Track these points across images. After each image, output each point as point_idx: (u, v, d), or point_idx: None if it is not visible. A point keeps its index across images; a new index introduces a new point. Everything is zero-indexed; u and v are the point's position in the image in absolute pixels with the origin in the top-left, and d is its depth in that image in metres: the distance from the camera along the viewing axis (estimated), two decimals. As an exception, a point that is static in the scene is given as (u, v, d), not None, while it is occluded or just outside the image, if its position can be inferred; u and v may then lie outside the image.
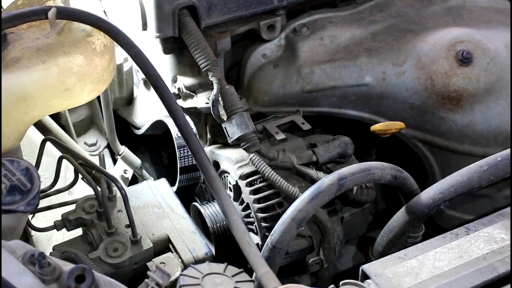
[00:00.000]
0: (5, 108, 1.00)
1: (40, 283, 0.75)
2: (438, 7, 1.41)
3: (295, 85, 1.32)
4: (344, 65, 1.31)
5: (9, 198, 0.94)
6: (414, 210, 1.05)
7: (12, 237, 0.94)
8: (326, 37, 1.35)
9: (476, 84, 1.24)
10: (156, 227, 1.11)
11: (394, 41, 1.33)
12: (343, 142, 1.23)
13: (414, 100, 1.27)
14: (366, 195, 1.20)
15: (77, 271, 0.76)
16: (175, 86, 1.35)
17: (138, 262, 1.06)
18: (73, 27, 1.23)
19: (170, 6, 1.23)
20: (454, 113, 1.25)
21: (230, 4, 1.28)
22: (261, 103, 1.34)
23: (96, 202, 1.09)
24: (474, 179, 1.01)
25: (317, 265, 1.20)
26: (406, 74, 1.28)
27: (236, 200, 1.24)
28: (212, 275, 0.93)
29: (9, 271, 0.72)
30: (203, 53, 1.21)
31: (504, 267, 0.91)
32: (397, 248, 1.04)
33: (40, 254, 0.77)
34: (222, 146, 1.32)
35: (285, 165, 1.18)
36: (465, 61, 1.24)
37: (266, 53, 1.35)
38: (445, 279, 0.89)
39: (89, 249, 1.06)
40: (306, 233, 1.18)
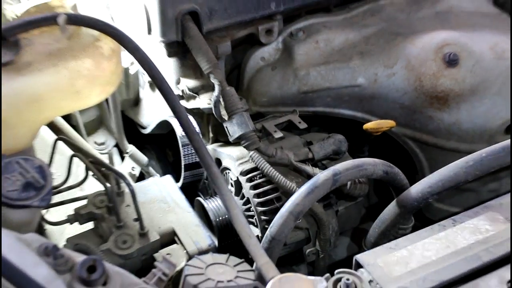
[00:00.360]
0: (18, 109, 1.00)
1: (54, 273, 0.75)
2: (426, 12, 1.42)
3: (292, 86, 1.33)
4: (338, 67, 1.32)
5: (24, 194, 0.94)
6: (404, 204, 1.05)
7: (28, 231, 0.95)
8: (321, 41, 1.35)
9: (462, 84, 1.24)
10: (162, 220, 1.12)
11: (385, 44, 1.33)
12: (338, 140, 1.24)
13: (404, 100, 1.28)
14: (359, 189, 1.21)
15: (89, 262, 0.76)
16: (178, 88, 1.35)
17: (146, 254, 1.06)
18: (82, 32, 1.23)
19: (173, 12, 1.23)
20: (442, 112, 1.25)
21: (230, 10, 1.28)
22: (260, 104, 1.35)
23: (106, 197, 1.10)
24: (461, 174, 1.01)
25: (314, 255, 1.21)
26: (397, 76, 1.29)
27: (237, 195, 1.24)
28: (215, 265, 0.94)
29: (25, 262, 0.72)
30: (205, 57, 1.22)
31: (488, 256, 0.91)
32: (388, 239, 1.05)
33: (54, 246, 0.77)
34: (224, 144, 1.32)
35: (283, 162, 1.19)
36: (452, 63, 1.25)
37: (264, 56, 1.35)
38: (433, 268, 0.90)
39: (100, 242, 1.07)
40: (303, 226, 1.19)
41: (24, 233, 0.81)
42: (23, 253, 0.75)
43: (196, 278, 0.90)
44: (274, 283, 0.80)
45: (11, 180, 0.95)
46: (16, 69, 1.00)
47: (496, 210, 0.99)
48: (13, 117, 1.00)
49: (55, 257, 0.77)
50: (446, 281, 0.88)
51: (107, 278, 0.78)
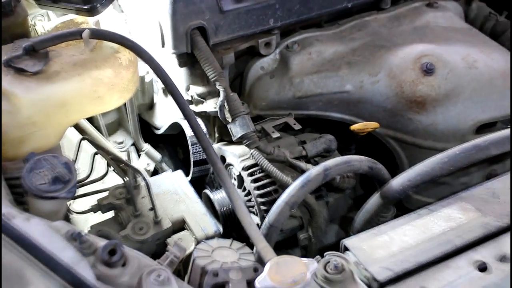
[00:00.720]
0: (47, 113, 1.01)
1: (80, 255, 0.75)
2: (406, 27, 1.42)
3: (288, 92, 1.33)
4: (328, 76, 1.32)
5: (53, 187, 0.95)
6: (387, 195, 1.06)
7: (56, 219, 0.95)
8: (313, 52, 1.35)
9: (438, 90, 1.25)
10: (174, 210, 1.13)
11: (370, 55, 1.33)
12: (328, 139, 1.24)
13: (386, 104, 1.28)
14: (347, 183, 1.21)
15: (110, 246, 0.77)
16: (188, 93, 1.36)
17: (160, 239, 1.07)
18: (103, 45, 1.24)
19: (184, 27, 1.24)
20: (420, 115, 1.25)
21: (234, 26, 1.28)
22: (259, 107, 1.35)
23: (125, 190, 1.11)
24: (436, 169, 1.02)
25: (306, 240, 1.21)
26: (380, 83, 1.29)
27: (240, 187, 1.25)
28: (220, 248, 0.94)
29: (54, 246, 0.73)
30: (211, 66, 1.22)
31: (459, 240, 0.92)
32: (372, 226, 1.05)
33: (79, 233, 0.78)
34: (228, 143, 1.33)
35: (280, 159, 1.19)
36: (429, 72, 1.25)
37: (263, 66, 1.36)
38: (411, 251, 0.90)
39: (119, 228, 1.08)
40: (297, 214, 1.19)
41: (53, 221, 0.82)
42: (53, 238, 0.75)
43: (203, 260, 0.91)
44: (272, 264, 0.80)
45: (41, 175, 0.95)
46: (46, 78, 1.01)
47: (467, 200, 1.00)
48: (43, 119, 1.00)
49: (81, 242, 0.77)
50: (422, 262, 0.89)
51: (125, 260, 0.78)
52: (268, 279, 0.78)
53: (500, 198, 1.00)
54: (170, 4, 1.23)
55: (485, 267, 0.88)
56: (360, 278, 0.87)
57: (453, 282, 0.86)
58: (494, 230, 0.94)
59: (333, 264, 0.85)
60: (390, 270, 0.87)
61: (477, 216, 0.96)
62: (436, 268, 0.88)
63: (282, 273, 0.78)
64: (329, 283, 0.84)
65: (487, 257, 0.89)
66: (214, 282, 0.82)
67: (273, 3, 1.30)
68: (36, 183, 0.94)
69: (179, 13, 1.23)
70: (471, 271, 0.87)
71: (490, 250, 0.90)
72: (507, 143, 1.04)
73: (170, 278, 0.78)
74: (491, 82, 1.28)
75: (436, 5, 1.48)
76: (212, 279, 0.82)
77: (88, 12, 1.22)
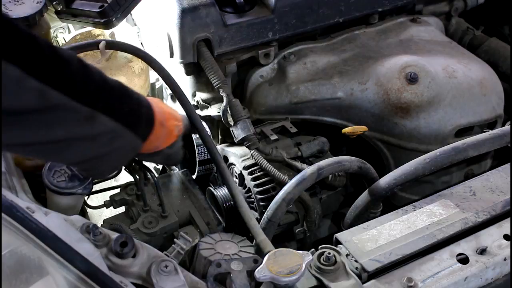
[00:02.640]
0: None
1: (94, 247, 0.75)
2: (392, 40, 1.41)
3: (285, 98, 1.32)
4: (322, 84, 1.31)
5: (71, 184, 0.94)
6: (375, 193, 1.05)
7: (73, 213, 0.94)
8: (308, 62, 1.35)
9: (421, 97, 1.24)
10: (180, 205, 1.11)
11: (359, 65, 1.32)
12: (321, 141, 1.23)
13: (374, 110, 1.27)
14: (339, 181, 1.20)
15: (122, 238, 0.76)
16: (194, 99, 1.35)
17: (167, 232, 1.06)
18: (118, 55, 1.23)
19: (190, 39, 1.23)
20: (404, 120, 1.25)
21: (236, 38, 1.28)
22: (259, 112, 1.34)
23: (135, 187, 1.09)
24: (420, 169, 1.01)
25: (302, 234, 1.20)
26: (369, 90, 1.28)
27: (241, 185, 1.23)
28: (222, 241, 0.93)
29: (71, 238, 0.72)
30: (215, 75, 1.21)
31: (441, 235, 0.90)
32: (362, 221, 1.04)
33: (94, 226, 0.77)
34: (230, 144, 1.32)
35: (277, 159, 1.18)
36: (413, 81, 1.24)
37: (263, 74, 1.35)
38: (397, 244, 0.89)
39: (130, 222, 1.06)
40: (294, 210, 1.18)
41: (70, 215, 0.81)
42: (69, 231, 0.75)
43: (207, 252, 0.90)
44: (270, 256, 0.79)
45: (59, 172, 0.94)
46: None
47: (448, 198, 0.99)
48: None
49: (95, 234, 0.76)
50: (408, 254, 0.88)
51: (136, 251, 0.78)
52: (267, 269, 0.77)
53: (477, 195, 0.99)
54: (179, 18, 1.22)
55: (465, 259, 0.87)
56: (351, 269, 0.86)
57: (436, 273, 0.85)
58: (473, 225, 0.93)
59: (326, 256, 0.84)
60: (379, 262, 0.86)
61: (457, 212, 0.95)
62: (421, 260, 0.88)
63: (280, 264, 0.78)
64: (322, 273, 0.84)
65: (467, 250, 0.88)
66: (217, 272, 0.81)
67: (271, 18, 1.29)
68: (56, 180, 0.93)
69: (187, 26, 1.22)
70: (453, 263, 0.86)
71: (469, 243, 0.89)
72: (483, 145, 1.04)
73: (176, 268, 0.78)
74: (469, 90, 1.27)
75: (419, 20, 1.47)
76: (215, 270, 0.81)
77: (104, 25, 1.22)
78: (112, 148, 0.77)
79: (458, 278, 0.84)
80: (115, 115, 0.75)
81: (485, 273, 0.86)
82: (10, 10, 1.17)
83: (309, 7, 1.32)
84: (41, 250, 0.68)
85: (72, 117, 0.69)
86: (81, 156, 0.76)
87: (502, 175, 1.04)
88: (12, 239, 0.68)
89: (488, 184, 1.01)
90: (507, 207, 0.96)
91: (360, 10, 1.39)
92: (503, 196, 0.98)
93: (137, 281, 0.77)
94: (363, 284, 0.84)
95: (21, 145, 0.68)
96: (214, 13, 1.24)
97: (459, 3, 1.55)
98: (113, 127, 0.75)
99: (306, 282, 0.83)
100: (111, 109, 0.74)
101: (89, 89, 0.71)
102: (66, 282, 0.68)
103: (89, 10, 1.21)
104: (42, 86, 0.65)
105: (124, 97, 0.78)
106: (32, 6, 1.19)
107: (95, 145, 0.75)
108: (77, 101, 0.69)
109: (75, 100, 0.68)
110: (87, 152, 0.75)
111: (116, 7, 1.19)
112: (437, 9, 1.55)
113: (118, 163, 0.84)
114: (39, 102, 0.65)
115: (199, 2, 1.24)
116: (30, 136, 0.67)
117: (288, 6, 1.30)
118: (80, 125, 0.71)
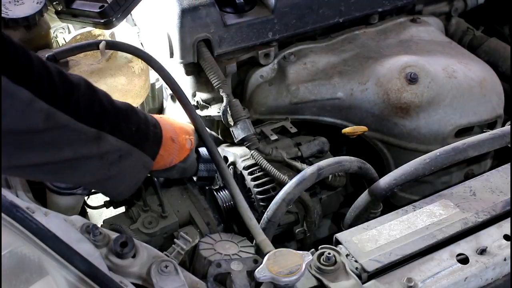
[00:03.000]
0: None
1: (94, 247, 0.75)
2: (392, 40, 1.41)
3: (285, 98, 1.32)
4: (322, 84, 1.31)
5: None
6: (375, 193, 1.05)
7: (73, 213, 0.94)
8: (308, 63, 1.34)
9: (421, 98, 1.24)
10: (180, 206, 1.11)
11: (359, 65, 1.32)
12: (321, 142, 1.23)
13: (374, 110, 1.27)
14: (339, 181, 1.20)
15: (122, 238, 0.76)
16: (194, 99, 1.35)
17: (167, 232, 1.06)
18: (118, 55, 1.23)
19: (190, 39, 1.23)
20: (404, 120, 1.24)
21: (236, 38, 1.27)
22: (259, 112, 1.34)
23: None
24: (419, 169, 1.00)
25: (302, 234, 1.20)
26: (369, 91, 1.28)
27: (241, 185, 1.23)
28: (222, 241, 0.93)
29: (70, 238, 0.72)
30: (215, 75, 1.21)
31: (441, 235, 0.90)
32: (362, 221, 1.04)
33: (94, 226, 0.77)
34: (230, 144, 1.32)
35: (277, 159, 1.18)
36: (412, 81, 1.24)
37: (263, 75, 1.34)
38: (397, 244, 0.89)
39: (130, 222, 1.06)
40: (293, 210, 1.18)
41: (70, 215, 0.81)
42: (69, 231, 0.75)
43: (207, 252, 0.89)
44: (270, 256, 0.79)
45: (60, 172, 0.94)
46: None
47: (448, 198, 0.99)
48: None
49: (95, 234, 0.76)
50: (407, 254, 0.88)
51: (136, 252, 0.77)
52: (267, 270, 0.77)
53: (477, 195, 0.99)
54: (179, 18, 1.22)
55: (465, 260, 0.87)
56: (351, 269, 0.86)
57: (436, 274, 0.85)
58: (473, 225, 0.93)
59: (326, 256, 0.84)
60: (379, 262, 0.86)
61: (457, 212, 0.95)
62: (421, 260, 0.87)
63: (280, 265, 0.77)
64: (322, 274, 0.84)
65: (467, 250, 0.88)
66: (217, 272, 0.81)
67: (271, 18, 1.29)
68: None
69: (187, 27, 1.22)
70: (453, 264, 0.86)
71: (469, 243, 0.89)
72: (483, 145, 1.04)
73: (176, 268, 0.77)
74: (469, 91, 1.27)
75: (419, 20, 1.47)
76: (215, 270, 0.81)
77: (104, 26, 1.21)
78: (122, 167, 0.80)
79: (458, 278, 0.84)
80: (121, 135, 0.79)
81: (485, 273, 0.85)
82: (10, 10, 1.17)
83: (309, 7, 1.32)
84: (41, 250, 0.68)
85: (78, 138, 0.73)
86: (92, 175, 0.79)
87: (502, 175, 1.03)
88: (12, 239, 0.68)
89: (488, 184, 1.01)
90: (507, 207, 0.96)
91: (360, 10, 1.39)
92: (503, 196, 0.98)
93: (137, 281, 0.77)
94: (363, 284, 0.84)
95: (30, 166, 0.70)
96: (214, 13, 1.24)
97: (459, 3, 1.55)
98: (120, 145, 0.78)
99: (306, 282, 0.83)
100: (117, 129, 0.78)
101: (95, 111, 0.76)
102: (66, 282, 0.68)
103: (89, 10, 1.20)
104: (50, 108, 0.69)
105: (131, 117, 0.82)
106: (32, 6, 1.19)
107: (104, 164, 0.78)
108: (82, 122, 0.72)
109: (81, 122, 0.72)
110: (97, 172, 0.79)
111: (116, 7, 1.19)
112: (437, 9, 1.55)
113: (133, 181, 0.87)
114: (45, 123, 0.69)
115: (199, 2, 1.24)
116: (37, 156, 0.70)
117: (288, 6, 1.30)
118: (87, 145, 0.75)
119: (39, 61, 0.69)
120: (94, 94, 0.77)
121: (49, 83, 0.69)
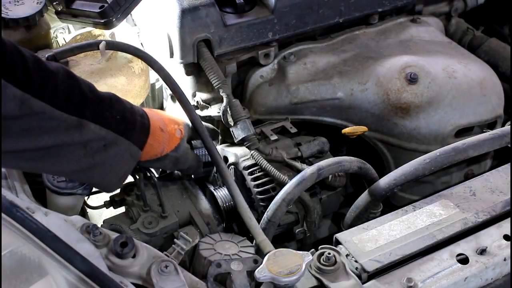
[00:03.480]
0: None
1: (94, 247, 0.75)
2: (392, 40, 1.41)
3: (285, 98, 1.32)
4: (321, 84, 1.31)
5: (70, 184, 0.94)
6: (375, 193, 1.05)
7: (73, 213, 0.94)
8: (308, 63, 1.34)
9: (421, 98, 1.24)
10: (180, 206, 1.11)
11: (359, 66, 1.32)
12: (321, 142, 1.23)
13: (374, 110, 1.27)
14: (339, 181, 1.20)
15: (122, 238, 0.76)
16: (194, 99, 1.34)
17: (167, 232, 1.06)
18: (118, 55, 1.23)
19: (190, 39, 1.23)
20: (404, 120, 1.24)
21: (236, 38, 1.27)
22: (259, 112, 1.34)
23: (135, 187, 1.09)
24: (419, 169, 1.00)
25: (302, 234, 1.20)
26: (368, 91, 1.28)
27: (241, 185, 1.23)
28: (222, 241, 0.93)
29: (70, 238, 0.72)
30: (215, 75, 1.21)
31: (441, 235, 0.90)
32: (362, 221, 1.04)
33: (94, 226, 0.77)
34: (230, 145, 1.31)
35: (277, 159, 1.18)
36: (412, 81, 1.24)
37: (263, 75, 1.34)
38: (397, 244, 0.89)
39: (130, 222, 1.06)
40: (293, 210, 1.17)
41: (70, 215, 0.81)
42: (69, 231, 0.75)
43: (207, 252, 0.89)
44: (270, 256, 0.79)
45: (60, 173, 0.94)
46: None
47: (448, 198, 0.99)
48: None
49: (95, 235, 0.76)
50: (407, 255, 0.88)
51: (136, 252, 0.77)
52: (267, 270, 0.77)
53: (477, 196, 0.99)
54: (179, 18, 1.22)
55: (465, 260, 0.87)
56: (351, 269, 0.86)
57: (436, 274, 0.85)
58: (473, 225, 0.93)
59: (326, 256, 0.84)
60: (379, 262, 0.86)
61: (457, 212, 0.95)
62: (421, 260, 0.87)
63: (280, 265, 0.78)
64: (322, 274, 0.84)
65: (467, 250, 0.88)
66: (217, 273, 0.81)
67: (271, 18, 1.29)
68: (56, 181, 0.93)
69: (187, 27, 1.22)
70: (453, 264, 0.86)
71: (469, 244, 0.89)
72: (483, 146, 1.04)
73: (176, 268, 0.77)
74: (469, 91, 1.27)
75: (419, 20, 1.47)
76: (215, 270, 0.81)
77: (104, 26, 1.21)
78: (107, 156, 0.79)
79: (458, 278, 0.84)
80: (105, 123, 0.78)
81: (485, 273, 0.85)
82: (10, 10, 1.17)
83: (309, 7, 1.32)
84: (41, 250, 0.68)
85: (58, 125, 0.72)
86: (77, 163, 0.77)
87: (502, 175, 1.03)
88: (12, 239, 0.68)
89: (488, 185, 1.01)
90: (507, 208, 0.96)
91: (360, 10, 1.39)
92: (503, 196, 0.98)
93: (137, 281, 0.77)
94: (363, 284, 0.84)
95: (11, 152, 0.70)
96: (214, 13, 1.24)
97: (459, 3, 1.55)
98: (105, 134, 0.77)
99: (306, 282, 0.83)
100: (100, 117, 0.77)
101: (75, 99, 0.75)
102: (66, 282, 0.68)
103: (89, 10, 1.20)
104: (24, 95, 0.68)
105: (115, 106, 0.81)
106: (32, 6, 1.19)
107: (88, 152, 0.77)
108: (61, 110, 0.72)
109: (59, 109, 0.71)
110: (81, 160, 0.77)
111: (116, 8, 1.19)
112: (437, 9, 1.55)
113: (121, 171, 0.86)
114: (20, 110, 0.68)
115: (199, 2, 1.24)
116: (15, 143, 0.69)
117: (288, 6, 1.30)
118: (68, 132, 0.74)
119: (13, 48, 0.68)
120: (73, 82, 0.76)
121: (23, 69, 0.68)
